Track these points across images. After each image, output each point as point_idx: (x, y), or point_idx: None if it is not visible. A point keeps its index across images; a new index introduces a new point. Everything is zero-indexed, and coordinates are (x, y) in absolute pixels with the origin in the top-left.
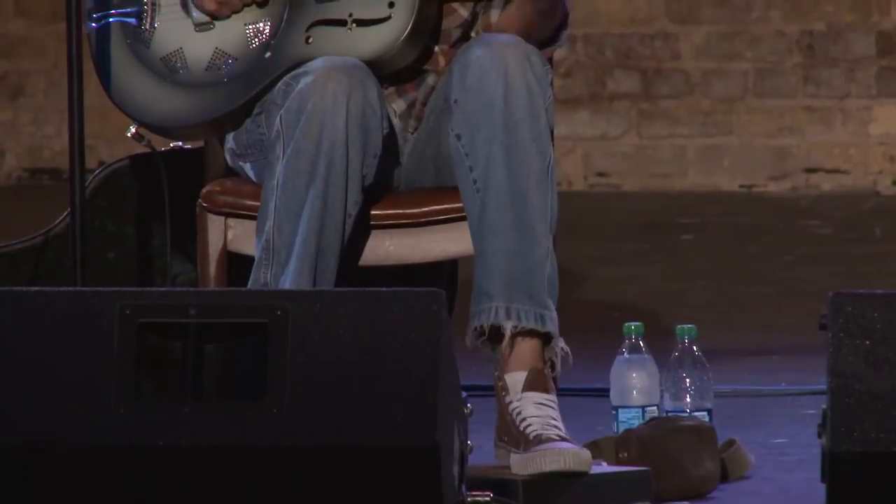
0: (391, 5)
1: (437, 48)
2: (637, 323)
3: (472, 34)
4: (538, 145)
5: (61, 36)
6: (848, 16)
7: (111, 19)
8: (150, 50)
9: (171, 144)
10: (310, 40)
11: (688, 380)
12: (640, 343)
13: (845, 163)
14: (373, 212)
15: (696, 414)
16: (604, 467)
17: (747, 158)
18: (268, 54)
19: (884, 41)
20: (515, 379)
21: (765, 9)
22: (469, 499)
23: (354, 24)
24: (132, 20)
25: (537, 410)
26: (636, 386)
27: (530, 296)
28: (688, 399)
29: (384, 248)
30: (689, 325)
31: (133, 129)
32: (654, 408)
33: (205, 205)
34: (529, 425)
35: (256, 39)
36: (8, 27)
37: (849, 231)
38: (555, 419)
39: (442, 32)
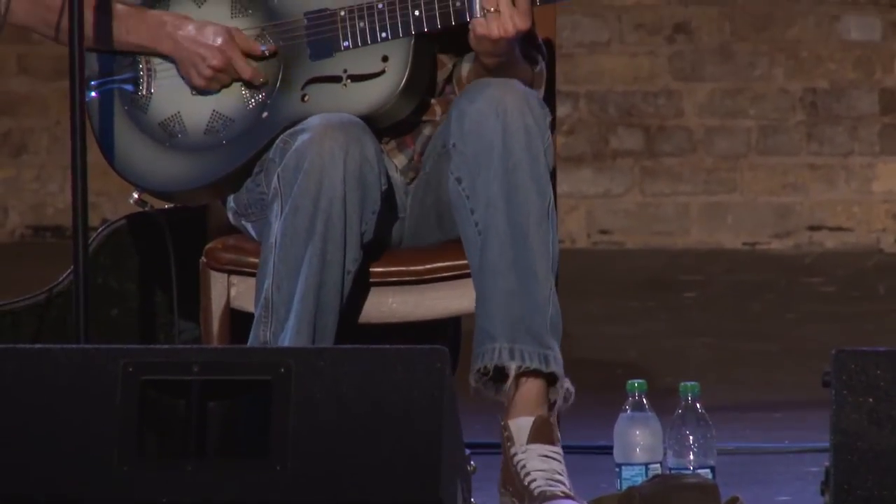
0: (385, 59)
1: (433, 100)
2: (640, 380)
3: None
4: (538, 186)
5: (64, 93)
6: (851, 73)
7: (110, 86)
8: (148, 115)
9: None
10: (306, 98)
11: (691, 437)
12: (644, 400)
13: (848, 220)
14: (376, 269)
15: (699, 471)
16: None
17: (750, 216)
18: (265, 114)
19: (887, 99)
20: (520, 426)
21: (768, 66)
22: None
23: (349, 80)
24: (129, 86)
25: (542, 464)
26: (639, 443)
27: (533, 336)
28: (691, 456)
29: (387, 305)
30: (693, 383)
31: (136, 196)
32: (658, 465)
33: (208, 262)
34: (534, 480)
35: (253, 100)
36: (10, 84)
37: (852, 289)
38: (560, 473)
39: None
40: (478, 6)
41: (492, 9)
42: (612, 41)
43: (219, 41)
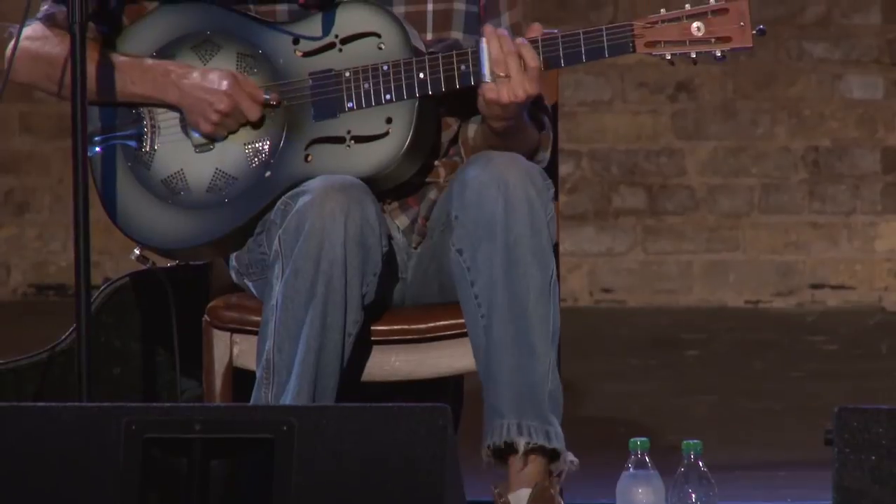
0: (389, 121)
1: (437, 162)
2: (643, 438)
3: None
4: (539, 261)
5: (66, 152)
6: (853, 132)
7: (113, 142)
8: (151, 172)
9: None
10: (309, 158)
11: (693, 495)
12: (646, 459)
13: (851, 279)
14: (379, 327)
15: None
16: None
17: (753, 274)
18: (268, 173)
19: (889, 157)
20: (519, 496)
21: (770, 125)
22: None
23: (353, 141)
24: (132, 143)
25: None
26: (642, 501)
27: (536, 412)
28: None
29: (390, 363)
30: (695, 441)
31: (137, 252)
32: None
33: (210, 320)
34: None
35: (256, 159)
36: (13, 143)
37: (854, 347)
38: None
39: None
40: (487, 71)
41: (502, 74)
42: (615, 100)
43: (224, 85)
